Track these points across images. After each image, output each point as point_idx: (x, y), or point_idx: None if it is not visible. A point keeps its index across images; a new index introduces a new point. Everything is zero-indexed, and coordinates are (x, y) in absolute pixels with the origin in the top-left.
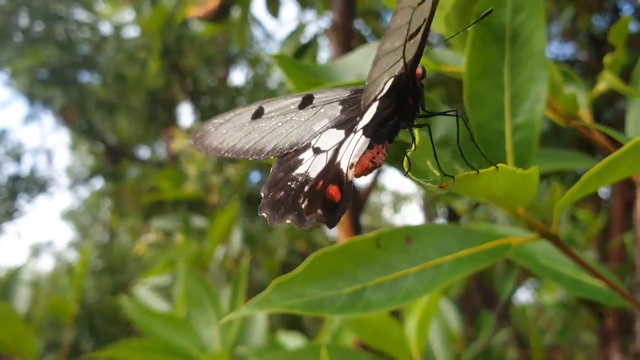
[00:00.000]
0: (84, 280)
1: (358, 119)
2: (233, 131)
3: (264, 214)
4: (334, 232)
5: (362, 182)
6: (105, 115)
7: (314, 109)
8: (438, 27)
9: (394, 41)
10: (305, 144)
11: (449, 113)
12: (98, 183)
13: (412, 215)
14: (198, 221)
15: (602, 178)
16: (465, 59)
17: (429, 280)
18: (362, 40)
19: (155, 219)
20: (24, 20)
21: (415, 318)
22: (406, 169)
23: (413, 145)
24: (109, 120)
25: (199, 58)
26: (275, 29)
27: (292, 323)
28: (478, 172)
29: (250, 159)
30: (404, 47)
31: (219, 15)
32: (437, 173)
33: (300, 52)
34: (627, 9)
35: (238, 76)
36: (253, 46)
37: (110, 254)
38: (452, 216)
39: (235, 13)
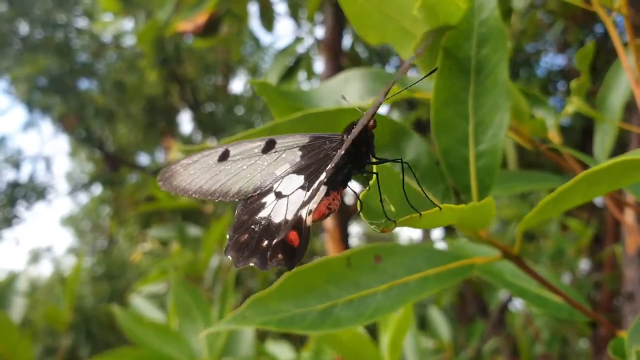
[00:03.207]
0: (82, 287)
1: (319, 169)
2: (200, 172)
3: (229, 256)
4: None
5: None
6: (104, 123)
7: (276, 153)
8: (407, 57)
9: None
10: (268, 187)
11: (397, 161)
12: (97, 189)
13: None
14: (193, 230)
15: (559, 205)
16: (433, 89)
17: (396, 298)
18: (354, 57)
19: (153, 226)
20: (23, 28)
21: (389, 334)
22: (358, 209)
23: (367, 187)
24: (108, 127)
25: (198, 67)
26: (274, 39)
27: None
28: (420, 214)
29: (217, 200)
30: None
31: (208, 30)
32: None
33: (293, 67)
34: (619, 21)
35: (238, 84)
36: (253, 55)
37: (109, 260)
38: None
39: (228, 27)
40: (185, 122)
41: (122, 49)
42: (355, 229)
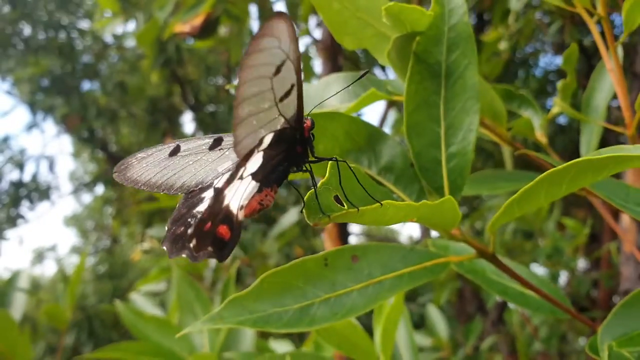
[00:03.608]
0: (85, 286)
1: (238, 165)
2: (152, 166)
3: (164, 247)
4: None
5: None
6: (106, 123)
7: (221, 151)
8: (383, 61)
9: (257, 105)
10: (208, 183)
11: (332, 159)
12: (101, 189)
13: None
14: None
15: (523, 205)
16: (405, 93)
17: (371, 296)
18: (352, 57)
19: (155, 225)
20: (26, 29)
21: (381, 325)
22: (302, 206)
23: (314, 188)
24: (111, 127)
25: (200, 67)
26: None
27: None
28: (358, 209)
29: (161, 193)
30: (277, 107)
31: (205, 32)
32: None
33: None
34: (617, 21)
35: None
36: None
37: (112, 259)
38: None
39: (228, 28)
40: (187, 122)
41: (124, 50)
42: (357, 228)
